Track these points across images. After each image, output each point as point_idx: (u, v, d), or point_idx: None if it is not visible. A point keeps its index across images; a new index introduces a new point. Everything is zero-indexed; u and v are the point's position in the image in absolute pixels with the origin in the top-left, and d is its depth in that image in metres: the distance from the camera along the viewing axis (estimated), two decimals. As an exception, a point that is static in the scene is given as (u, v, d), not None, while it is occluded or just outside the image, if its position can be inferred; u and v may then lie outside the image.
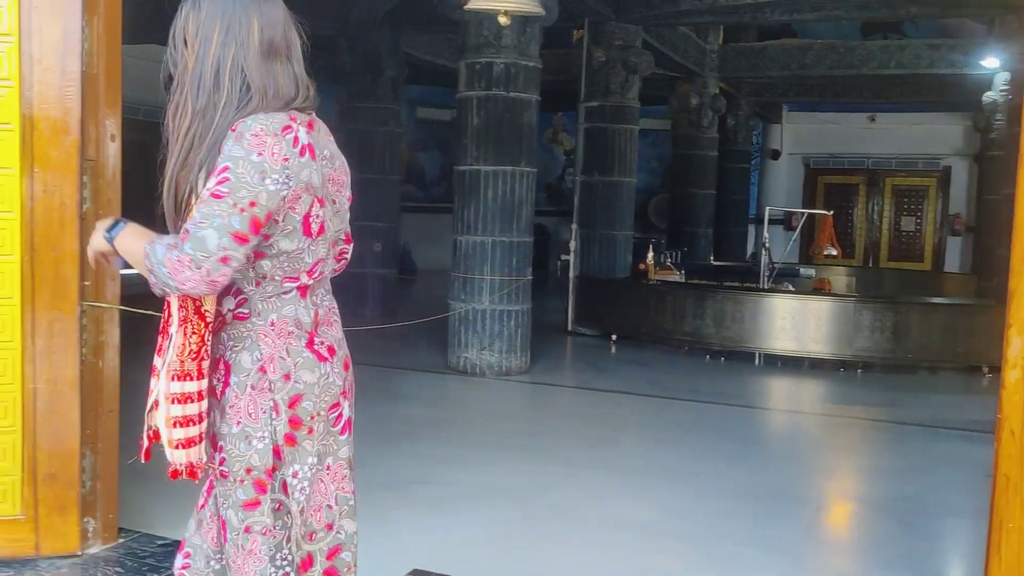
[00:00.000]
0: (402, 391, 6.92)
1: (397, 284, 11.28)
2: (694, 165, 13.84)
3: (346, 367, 2.08)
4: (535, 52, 7.46)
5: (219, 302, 1.94)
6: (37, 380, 3.33)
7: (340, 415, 2.03)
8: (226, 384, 1.93)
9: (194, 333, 1.90)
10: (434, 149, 16.86)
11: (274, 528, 1.97)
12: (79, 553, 3.44)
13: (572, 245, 9.73)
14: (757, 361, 8.49)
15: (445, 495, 4.46)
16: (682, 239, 13.40)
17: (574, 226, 9.80)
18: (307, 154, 1.88)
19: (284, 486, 1.97)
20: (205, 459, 1.97)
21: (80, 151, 3.34)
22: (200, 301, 1.91)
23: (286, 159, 1.83)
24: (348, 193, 2.09)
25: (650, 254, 9.69)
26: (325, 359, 1.98)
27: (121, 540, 3.62)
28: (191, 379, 1.90)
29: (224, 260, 1.77)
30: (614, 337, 9.31)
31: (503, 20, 6.39)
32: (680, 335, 8.85)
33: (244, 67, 1.89)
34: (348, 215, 2.11)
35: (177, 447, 1.94)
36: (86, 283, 3.42)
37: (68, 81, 3.29)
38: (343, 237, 2.09)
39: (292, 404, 1.93)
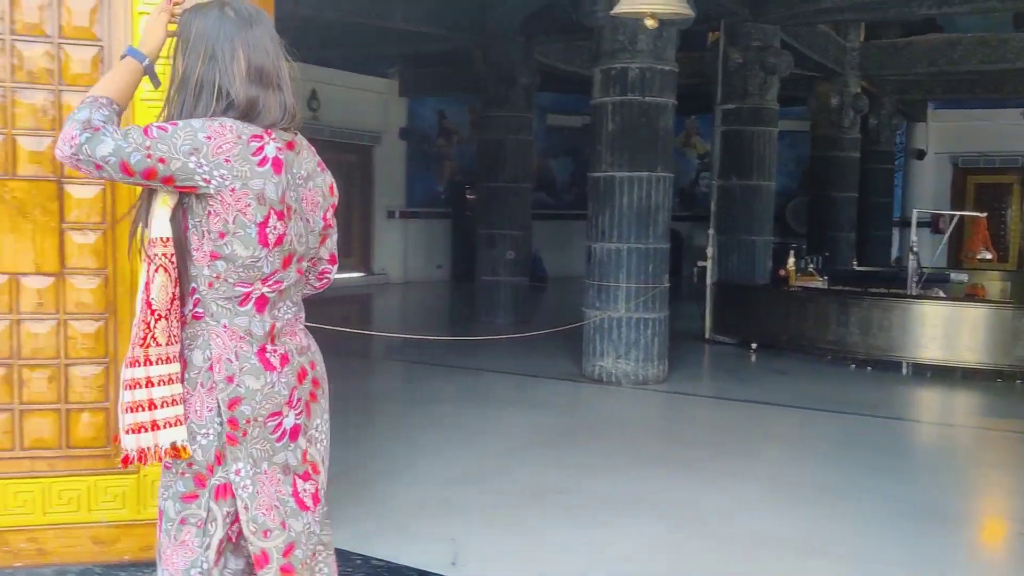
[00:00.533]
0: (538, 400, 6.92)
1: (528, 292, 11.32)
2: (834, 167, 13.35)
3: (301, 377, 2.13)
4: (671, 56, 7.35)
5: (181, 303, 2.04)
6: (196, 388, 3.47)
7: (280, 424, 2.07)
8: (181, 380, 2.02)
9: (142, 321, 2.00)
10: (565, 156, 16.87)
11: (202, 529, 2.05)
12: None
13: (709, 251, 9.54)
14: (905, 370, 8.11)
15: (584, 505, 4.42)
16: (823, 244, 12.94)
17: (711, 231, 9.61)
18: (268, 165, 1.97)
19: (227, 486, 2.05)
20: (163, 446, 2.01)
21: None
22: (148, 291, 2.01)
23: (228, 160, 1.92)
24: (325, 215, 2.19)
25: (791, 259, 9.38)
26: (273, 368, 2.04)
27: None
28: (139, 365, 2.00)
29: (97, 167, 1.88)
30: (754, 345, 9.07)
31: (650, 23, 6.30)
32: (823, 343, 8.54)
33: (229, 89, 2.00)
34: (333, 237, 2.25)
35: (128, 432, 2.02)
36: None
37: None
38: (326, 257, 2.25)
39: (231, 406, 2.00)
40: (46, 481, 3.38)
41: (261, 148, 1.97)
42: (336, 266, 2.31)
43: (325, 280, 2.30)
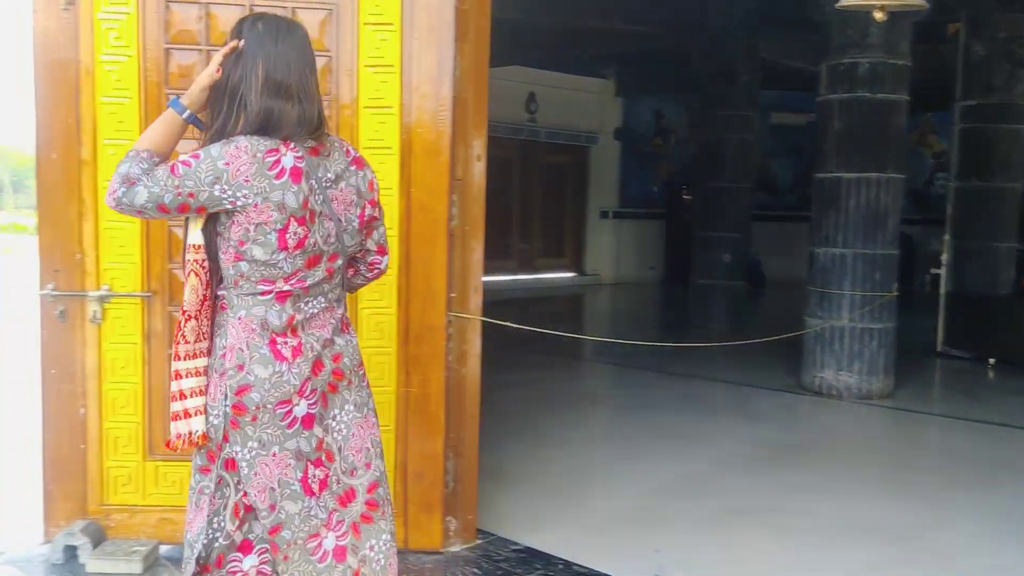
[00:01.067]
0: (754, 410, 6.67)
1: (745, 297, 10.95)
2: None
3: (316, 368, 2.25)
4: (905, 50, 6.86)
5: (213, 300, 2.27)
6: (409, 384, 3.58)
7: (290, 411, 2.20)
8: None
9: (179, 321, 2.25)
10: (788, 155, 16.21)
11: (214, 496, 2.26)
12: (441, 551, 3.64)
13: (943, 257, 8.85)
14: None
15: (797, 525, 4.19)
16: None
17: (946, 237, 8.91)
18: (285, 176, 2.14)
19: (231, 462, 2.23)
20: (197, 431, 2.25)
21: (450, 171, 3.54)
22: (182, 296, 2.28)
23: (247, 180, 2.11)
24: (362, 212, 2.34)
25: (1039, 268, 8.55)
26: (283, 359, 2.19)
27: (479, 541, 3.79)
28: (178, 359, 2.24)
29: (138, 212, 2.15)
30: (992, 361, 8.32)
31: (879, 16, 5.92)
32: (1076, 362, 7.72)
33: (248, 101, 2.19)
34: (379, 229, 2.43)
35: (174, 418, 2.26)
36: (452, 295, 3.62)
37: (441, 106, 3.50)
38: (374, 248, 2.44)
39: (239, 392, 2.18)
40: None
41: (277, 161, 2.14)
42: (386, 256, 2.49)
43: (376, 271, 2.49)
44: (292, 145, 2.18)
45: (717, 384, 7.48)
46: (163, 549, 3.58)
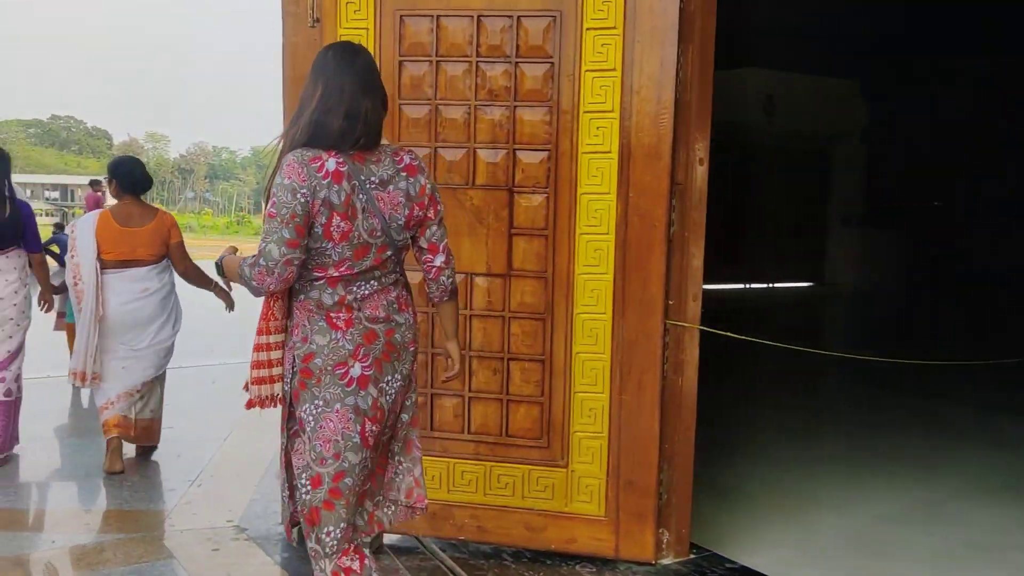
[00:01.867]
0: (1007, 438, 6.06)
1: (1009, 308, 10.01)
2: None
3: (370, 338, 2.58)
4: None
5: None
6: (622, 392, 3.55)
7: (347, 372, 2.54)
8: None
9: (265, 302, 2.62)
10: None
11: (291, 451, 2.68)
12: (653, 563, 3.58)
13: None
14: None
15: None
16: None
17: None
18: (329, 178, 2.47)
19: (300, 421, 2.60)
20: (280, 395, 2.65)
21: (670, 175, 3.48)
22: None
23: (303, 180, 2.44)
24: (409, 212, 2.60)
25: None
26: (338, 328, 2.55)
27: (692, 556, 3.69)
28: (269, 333, 2.62)
29: (287, 263, 2.46)
30: None
31: None
32: None
33: (305, 115, 2.53)
34: (431, 228, 2.69)
35: (258, 382, 2.62)
36: (670, 302, 3.55)
37: (662, 109, 3.44)
38: (426, 247, 2.71)
39: (305, 359, 2.56)
40: (488, 464, 3.67)
41: (322, 165, 2.47)
42: (439, 256, 2.73)
43: (434, 271, 2.75)
44: (334, 153, 2.50)
45: (966, 406, 6.88)
46: (387, 537, 3.76)
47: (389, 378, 2.64)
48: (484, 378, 3.64)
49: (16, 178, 6.70)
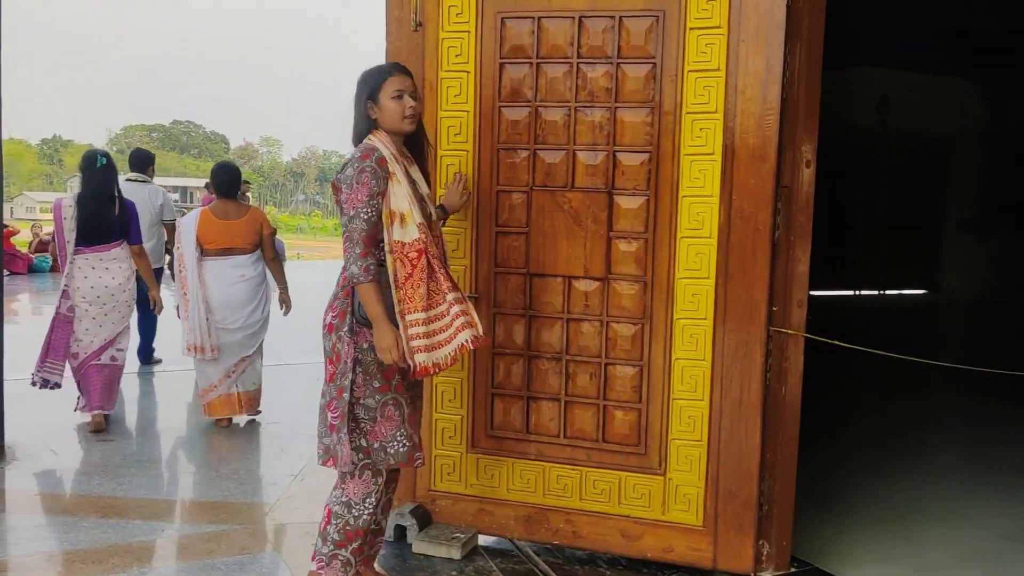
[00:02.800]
0: None
1: None
2: None
3: None
4: None
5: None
6: (723, 399, 3.46)
7: None
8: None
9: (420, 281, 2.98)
10: None
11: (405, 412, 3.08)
12: (752, 575, 3.49)
13: None
14: None
15: None
16: None
17: None
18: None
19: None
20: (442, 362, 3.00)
21: (775, 178, 3.38)
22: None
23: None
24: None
25: None
26: None
27: (793, 570, 3.58)
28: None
29: (365, 235, 2.95)
30: None
31: None
32: None
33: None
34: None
35: (422, 350, 2.93)
36: (774, 308, 3.45)
37: (768, 109, 3.35)
38: None
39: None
40: (583, 469, 3.64)
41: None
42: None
43: None
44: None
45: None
46: (481, 539, 3.76)
47: None
48: (581, 382, 3.61)
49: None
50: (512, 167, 3.62)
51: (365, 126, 3.06)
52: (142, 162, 7.27)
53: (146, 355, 7.47)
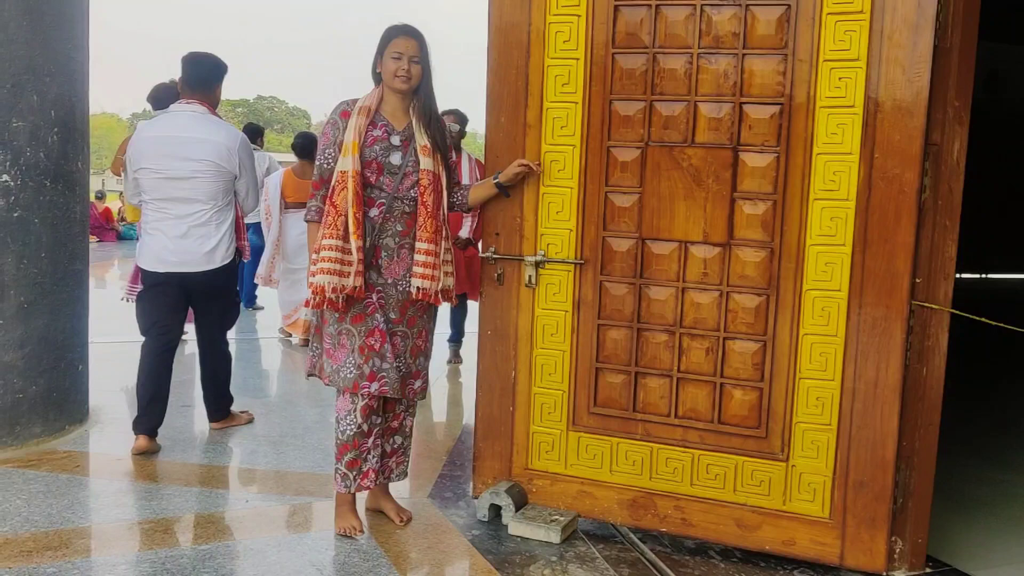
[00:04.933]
0: None
1: None
2: None
3: None
4: None
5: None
6: (856, 380, 3.12)
7: None
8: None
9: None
10: None
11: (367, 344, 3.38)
12: (883, 574, 3.15)
13: None
14: None
15: None
16: None
17: None
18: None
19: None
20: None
21: (924, 135, 3.01)
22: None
23: None
24: None
25: None
26: None
27: (928, 570, 3.23)
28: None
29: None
30: None
31: None
32: None
33: None
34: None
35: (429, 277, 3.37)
36: (917, 280, 3.10)
37: (918, 58, 2.98)
38: None
39: None
40: (695, 452, 3.34)
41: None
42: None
43: None
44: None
45: None
46: (581, 523, 3.50)
47: None
48: (696, 358, 3.30)
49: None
50: (625, 120, 3.32)
51: (375, 79, 3.37)
52: (254, 134, 8.74)
53: (249, 298, 8.66)
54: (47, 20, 4.21)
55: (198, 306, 4.47)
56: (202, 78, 4.34)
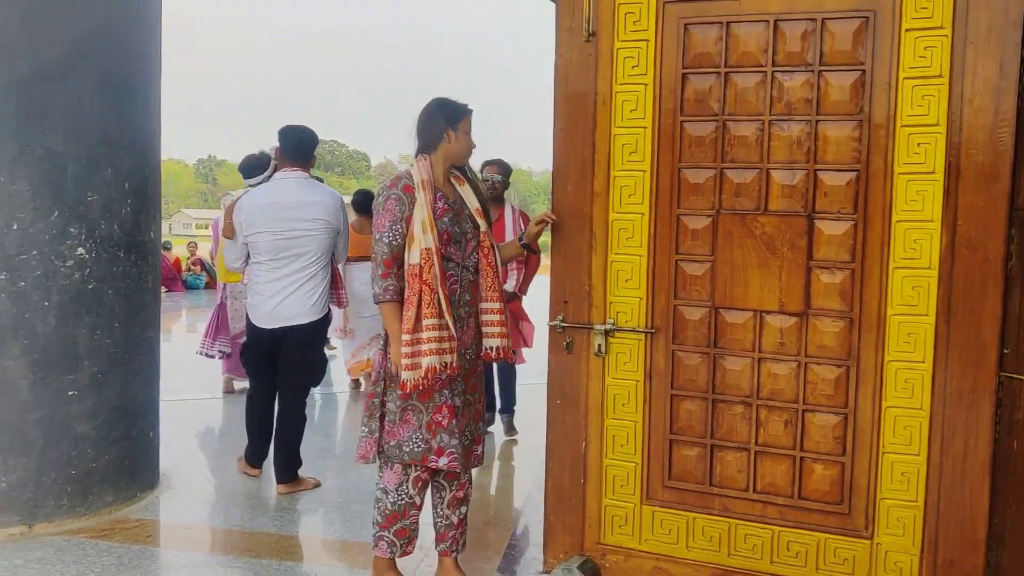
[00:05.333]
0: None
1: None
2: None
3: None
4: None
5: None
6: (943, 454, 3.00)
7: None
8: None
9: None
10: None
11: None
12: (979, 661, 3.00)
13: None
14: None
15: None
16: None
17: None
18: None
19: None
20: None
21: (1009, 200, 2.91)
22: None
23: None
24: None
25: None
26: None
27: (1026, 655, 3.07)
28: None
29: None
30: None
31: None
32: None
33: None
34: None
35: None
36: (1005, 351, 2.97)
37: (1001, 121, 2.88)
38: None
39: None
40: (775, 529, 3.23)
41: None
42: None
43: None
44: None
45: None
46: (655, 598, 3.41)
47: None
48: (774, 430, 3.21)
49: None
50: (695, 188, 3.27)
51: (433, 145, 3.36)
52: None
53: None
54: (121, 93, 4.31)
55: (290, 357, 4.77)
56: (300, 149, 4.81)
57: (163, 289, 14.63)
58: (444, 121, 3.36)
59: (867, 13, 3.00)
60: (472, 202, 3.44)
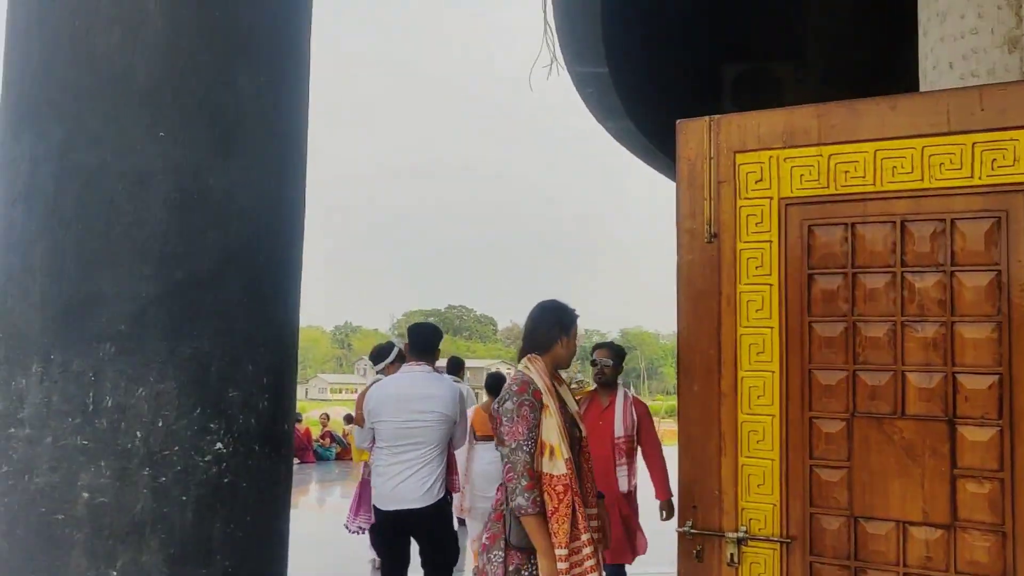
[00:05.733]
0: None
1: None
2: None
3: None
4: None
5: None
6: None
7: None
8: None
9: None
10: None
11: None
12: None
13: None
14: None
15: None
16: None
17: None
18: None
19: None
20: None
21: None
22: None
23: None
24: None
25: None
26: None
27: None
28: None
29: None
30: None
31: None
32: None
33: None
34: None
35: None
36: None
37: None
38: None
39: None
40: None
41: None
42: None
43: None
44: None
45: None
46: None
47: None
48: (927, 654, 2.96)
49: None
50: (826, 390, 3.18)
51: (546, 347, 3.44)
52: (456, 367, 9.40)
53: None
54: (266, 293, 4.55)
55: (421, 543, 5.11)
56: (426, 345, 5.29)
57: (295, 460, 14.96)
58: (559, 327, 3.45)
59: (998, 213, 2.94)
60: (572, 405, 3.49)
